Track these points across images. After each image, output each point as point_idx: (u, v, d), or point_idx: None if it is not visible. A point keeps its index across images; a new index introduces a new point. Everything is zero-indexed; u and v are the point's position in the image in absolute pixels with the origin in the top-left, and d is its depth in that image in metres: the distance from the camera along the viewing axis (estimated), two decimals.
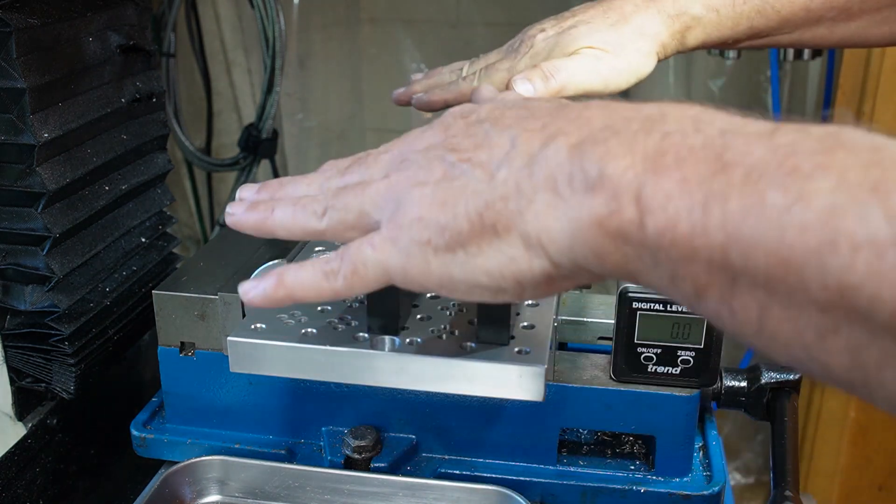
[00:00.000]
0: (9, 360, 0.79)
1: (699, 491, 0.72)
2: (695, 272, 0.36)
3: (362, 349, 0.59)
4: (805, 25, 0.78)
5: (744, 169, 0.34)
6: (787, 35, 0.80)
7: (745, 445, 1.83)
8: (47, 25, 0.74)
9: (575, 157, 0.41)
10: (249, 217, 0.52)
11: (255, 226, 0.52)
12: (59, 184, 0.76)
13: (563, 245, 0.41)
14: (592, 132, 0.41)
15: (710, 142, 0.36)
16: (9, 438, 0.79)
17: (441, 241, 0.44)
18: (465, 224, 0.44)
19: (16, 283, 0.78)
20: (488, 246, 0.43)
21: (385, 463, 0.73)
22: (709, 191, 0.35)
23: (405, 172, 0.48)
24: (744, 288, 0.34)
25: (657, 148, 0.38)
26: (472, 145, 0.46)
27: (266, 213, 0.52)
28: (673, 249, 0.36)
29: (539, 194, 0.42)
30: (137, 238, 0.90)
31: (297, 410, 0.77)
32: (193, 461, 0.74)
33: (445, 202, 0.45)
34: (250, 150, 1.44)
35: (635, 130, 0.40)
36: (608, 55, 0.74)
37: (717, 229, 0.34)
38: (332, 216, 0.49)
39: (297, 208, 0.51)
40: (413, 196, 0.46)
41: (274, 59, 1.35)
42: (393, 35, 2.02)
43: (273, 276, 0.49)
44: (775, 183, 0.33)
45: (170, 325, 0.76)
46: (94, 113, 0.81)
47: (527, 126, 0.45)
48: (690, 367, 0.70)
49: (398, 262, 0.46)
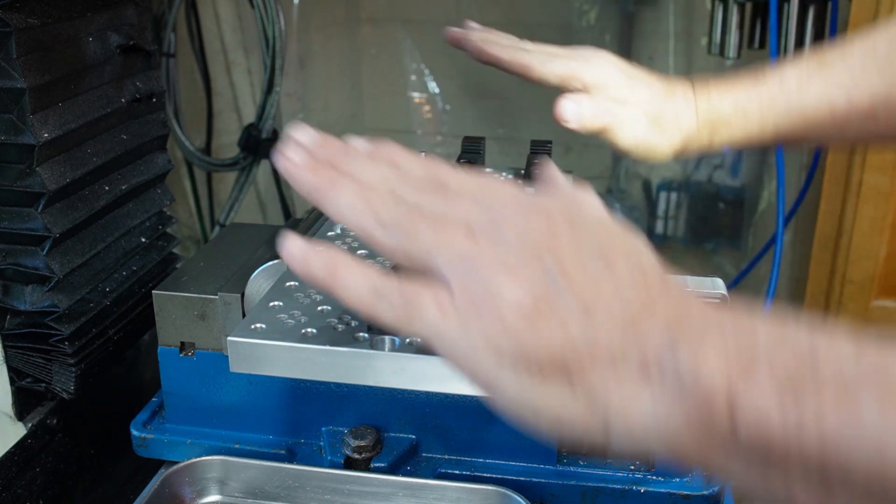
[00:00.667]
0: (9, 360, 0.79)
1: (699, 491, 0.72)
2: (788, 480, 0.36)
3: (362, 349, 0.59)
4: (832, 129, 0.79)
5: (837, 384, 0.35)
6: (815, 138, 0.82)
7: None
8: (47, 25, 0.74)
9: (671, 344, 0.39)
10: (308, 179, 0.47)
11: (310, 191, 0.47)
12: (59, 184, 0.76)
13: (632, 426, 0.40)
14: (691, 320, 0.40)
15: (801, 356, 0.37)
16: (9, 438, 0.79)
17: (511, 356, 0.41)
18: (545, 354, 0.41)
19: (16, 283, 0.78)
20: (553, 384, 0.41)
21: (385, 463, 0.73)
22: (803, 403, 0.35)
23: (494, 246, 0.43)
24: (836, 492, 0.35)
25: (749, 353, 0.38)
26: (580, 267, 0.42)
27: (326, 186, 0.47)
28: (760, 450, 0.36)
29: (628, 367, 0.40)
30: (137, 238, 0.90)
31: (297, 410, 0.77)
32: (193, 461, 0.74)
33: (534, 321, 0.41)
34: (250, 150, 1.44)
35: (728, 332, 0.39)
36: (647, 125, 0.79)
37: (813, 443, 0.35)
38: (396, 238, 0.45)
39: (362, 203, 0.46)
40: (502, 289, 0.42)
41: (274, 59, 1.35)
42: (393, 35, 2.02)
43: (326, 259, 0.46)
44: (871, 398, 0.34)
45: (170, 325, 0.76)
46: (94, 113, 0.81)
47: (633, 278, 0.43)
48: None
49: (454, 343, 0.43)
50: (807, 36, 1.47)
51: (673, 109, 0.80)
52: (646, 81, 0.81)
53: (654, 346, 0.39)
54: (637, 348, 0.40)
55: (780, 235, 1.38)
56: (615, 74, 0.80)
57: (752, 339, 0.39)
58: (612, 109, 0.78)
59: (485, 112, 0.80)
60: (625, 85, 0.80)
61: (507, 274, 0.42)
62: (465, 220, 0.44)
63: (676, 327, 0.40)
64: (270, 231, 0.90)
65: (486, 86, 0.83)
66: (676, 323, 0.40)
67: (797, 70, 0.80)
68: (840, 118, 0.78)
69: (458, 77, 1.98)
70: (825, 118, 0.78)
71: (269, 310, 0.64)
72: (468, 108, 2.00)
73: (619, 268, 0.43)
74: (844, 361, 0.36)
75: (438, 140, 2.08)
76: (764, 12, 1.49)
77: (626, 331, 0.40)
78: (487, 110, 1.96)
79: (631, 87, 0.80)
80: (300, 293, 0.67)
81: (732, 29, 1.53)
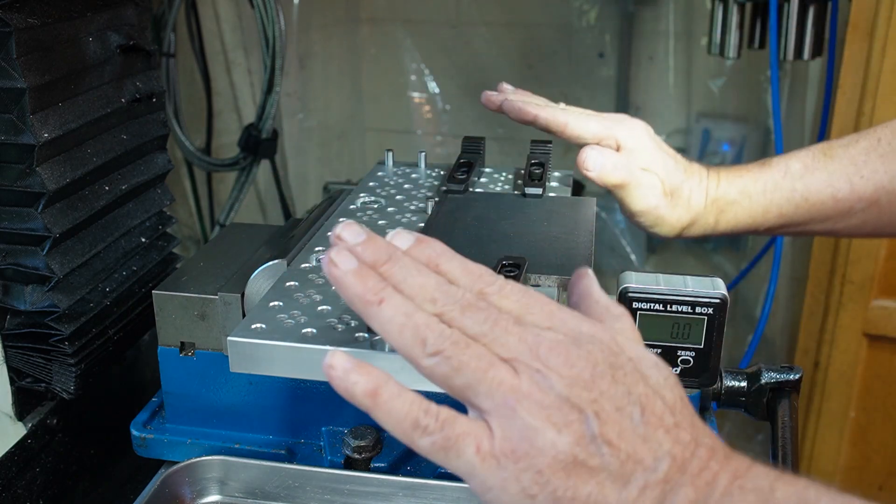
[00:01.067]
0: (9, 360, 0.79)
1: None
2: None
3: (362, 349, 0.59)
4: (836, 216, 0.82)
5: None
6: (820, 225, 0.84)
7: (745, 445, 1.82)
8: (47, 25, 0.74)
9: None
10: (354, 285, 0.47)
11: (355, 300, 0.47)
12: (59, 184, 0.76)
13: None
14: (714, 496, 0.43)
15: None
16: (9, 438, 0.79)
17: (535, 496, 0.43)
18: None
19: (16, 283, 0.78)
20: None
21: (385, 463, 0.73)
22: None
23: (538, 392, 0.44)
24: None
25: None
26: (618, 423, 0.44)
27: (373, 298, 0.46)
28: None
29: None
30: (137, 238, 0.90)
31: (297, 410, 0.77)
32: (193, 461, 0.74)
33: (572, 476, 0.43)
34: (250, 150, 1.44)
35: None
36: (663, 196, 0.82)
37: None
38: (440, 366, 0.45)
39: (409, 323, 0.46)
40: (543, 440, 0.43)
41: (274, 59, 1.35)
42: (393, 35, 2.02)
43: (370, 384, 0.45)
44: None
45: (170, 325, 0.76)
46: (94, 113, 0.81)
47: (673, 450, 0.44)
48: (690, 367, 0.70)
49: (489, 485, 0.44)
50: (807, 36, 1.47)
51: (689, 187, 0.83)
52: (671, 155, 0.84)
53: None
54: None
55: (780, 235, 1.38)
56: (647, 141, 0.82)
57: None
58: (634, 171, 0.81)
59: (485, 112, 0.79)
60: (653, 152, 0.82)
61: (548, 423, 0.43)
62: (511, 356, 0.45)
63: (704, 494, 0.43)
64: (270, 231, 0.90)
65: (485, 86, 0.83)
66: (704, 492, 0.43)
67: (802, 158, 0.83)
68: (843, 205, 0.80)
69: (458, 77, 1.98)
70: (828, 204, 0.81)
71: (269, 310, 0.64)
72: (468, 108, 2.00)
73: (653, 420, 0.45)
74: None
75: (438, 140, 2.08)
76: (764, 12, 1.49)
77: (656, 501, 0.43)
78: (487, 110, 1.96)
79: (658, 156, 0.82)
80: (300, 293, 0.67)
81: (732, 29, 1.53)
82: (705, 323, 0.69)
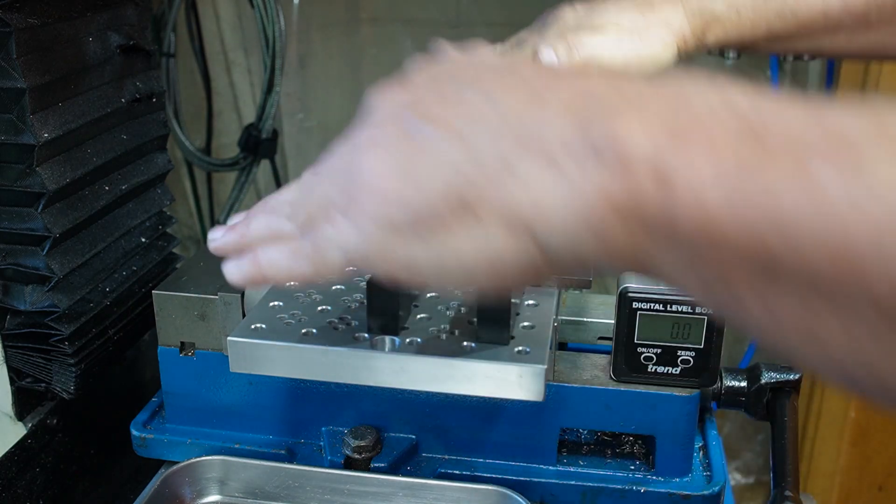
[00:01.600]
0: (9, 360, 0.79)
1: (699, 491, 0.72)
2: (722, 260, 0.30)
3: (362, 349, 0.59)
4: (823, 32, 0.79)
5: (783, 141, 0.29)
6: (806, 41, 0.81)
7: (745, 445, 1.83)
8: (47, 25, 0.74)
9: (576, 124, 0.34)
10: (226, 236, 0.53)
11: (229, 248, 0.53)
12: (59, 184, 0.76)
13: (556, 225, 0.35)
14: (598, 98, 0.35)
15: (740, 113, 0.31)
16: (9, 438, 0.79)
17: (404, 220, 0.38)
18: (435, 201, 0.37)
19: (16, 283, 0.78)
20: (461, 227, 0.37)
21: (385, 463, 0.73)
22: (742, 165, 0.29)
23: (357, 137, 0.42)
24: (784, 283, 0.29)
25: (679, 119, 0.32)
26: (441, 104, 0.39)
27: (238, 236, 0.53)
28: (696, 230, 0.31)
29: (528, 165, 0.35)
30: (137, 238, 0.90)
31: (297, 410, 0.77)
32: (193, 461, 0.74)
33: (409, 173, 0.38)
34: (250, 150, 1.44)
35: (649, 98, 0.34)
36: (632, 37, 0.74)
37: (753, 210, 0.29)
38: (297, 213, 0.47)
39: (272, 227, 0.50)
40: (368, 162, 0.40)
41: (274, 59, 1.35)
42: (393, 35, 2.02)
43: (250, 257, 0.48)
44: (829, 168, 0.28)
45: (170, 325, 0.76)
46: (94, 113, 0.81)
47: (509, 85, 0.38)
48: (690, 367, 0.70)
49: (357, 244, 0.40)
50: None
51: (657, 18, 0.76)
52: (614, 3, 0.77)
53: (556, 132, 0.35)
54: (536, 143, 0.35)
55: None
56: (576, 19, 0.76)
57: (681, 105, 0.33)
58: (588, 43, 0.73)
59: None
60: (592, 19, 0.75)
61: (370, 149, 0.40)
62: None
63: (580, 109, 0.35)
64: None
65: None
66: (579, 104, 0.35)
67: None
68: (833, 21, 0.77)
69: None
70: (818, 20, 0.77)
71: (269, 310, 0.64)
72: None
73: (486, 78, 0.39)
74: (795, 127, 0.30)
75: None
76: None
77: (515, 133, 0.36)
78: None
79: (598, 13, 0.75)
80: (300, 293, 0.67)
81: None
82: (705, 323, 0.69)
